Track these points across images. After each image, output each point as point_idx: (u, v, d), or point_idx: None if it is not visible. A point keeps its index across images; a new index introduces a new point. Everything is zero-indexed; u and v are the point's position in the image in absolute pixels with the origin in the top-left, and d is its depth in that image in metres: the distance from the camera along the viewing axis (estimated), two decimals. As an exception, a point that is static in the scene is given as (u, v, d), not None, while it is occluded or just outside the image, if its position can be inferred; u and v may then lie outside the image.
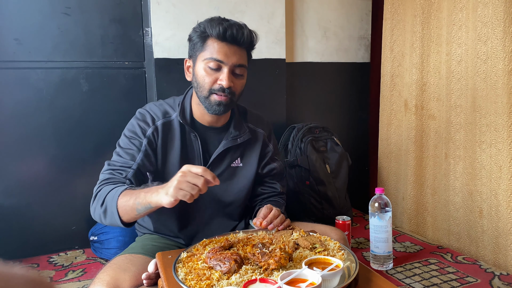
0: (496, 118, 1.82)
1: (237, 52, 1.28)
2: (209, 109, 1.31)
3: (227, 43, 1.26)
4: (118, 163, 1.30)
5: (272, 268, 0.96)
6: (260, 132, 1.49)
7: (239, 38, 1.27)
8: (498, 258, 1.83)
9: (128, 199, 1.14)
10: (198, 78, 1.30)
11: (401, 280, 1.69)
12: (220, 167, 1.40)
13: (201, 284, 0.91)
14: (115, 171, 1.28)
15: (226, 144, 1.38)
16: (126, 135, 1.35)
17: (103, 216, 1.20)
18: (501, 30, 1.76)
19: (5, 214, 1.91)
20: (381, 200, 1.73)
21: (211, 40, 1.27)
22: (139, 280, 1.14)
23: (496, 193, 1.83)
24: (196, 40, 1.30)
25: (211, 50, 1.27)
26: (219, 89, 1.27)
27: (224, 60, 1.26)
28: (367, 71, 2.73)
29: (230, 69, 1.27)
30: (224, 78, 1.26)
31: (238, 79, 1.31)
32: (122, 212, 1.16)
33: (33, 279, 0.37)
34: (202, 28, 1.28)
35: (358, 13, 2.64)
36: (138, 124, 1.35)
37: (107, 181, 1.26)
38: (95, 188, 1.26)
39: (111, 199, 1.17)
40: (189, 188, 1.03)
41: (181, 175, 1.04)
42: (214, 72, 1.27)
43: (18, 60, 1.89)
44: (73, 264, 1.89)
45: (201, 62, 1.29)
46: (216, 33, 1.25)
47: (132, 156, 1.30)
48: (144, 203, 1.11)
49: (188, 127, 1.35)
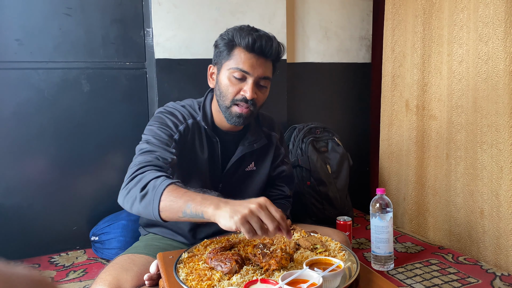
0: (497, 119, 1.81)
1: (263, 64, 1.26)
2: (229, 119, 1.29)
3: (255, 55, 1.24)
4: (158, 146, 1.20)
5: (273, 269, 0.97)
6: (274, 135, 1.49)
7: (267, 50, 1.24)
8: (499, 259, 1.83)
9: (177, 196, 1.02)
10: (222, 87, 1.28)
11: (402, 281, 1.68)
12: (236, 173, 1.40)
13: (202, 285, 0.91)
14: (159, 156, 1.17)
15: (243, 150, 1.38)
16: (156, 126, 1.27)
17: (138, 201, 1.06)
18: (502, 31, 1.76)
19: (6, 214, 1.91)
20: (382, 200, 1.73)
21: (238, 50, 1.25)
22: (141, 280, 1.15)
23: (497, 193, 1.83)
24: (222, 48, 1.27)
25: (237, 60, 1.24)
26: (242, 100, 1.25)
27: (250, 72, 1.24)
28: (368, 72, 2.73)
29: (254, 81, 1.25)
30: (248, 89, 1.24)
31: (261, 91, 1.29)
32: (164, 207, 1.03)
33: (35, 279, 0.37)
34: (230, 36, 1.25)
35: (359, 13, 2.64)
36: (169, 118, 1.30)
37: (149, 163, 1.14)
38: (132, 170, 1.13)
39: (155, 187, 1.05)
40: (257, 226, 0.90)
41: (255, 206, 0.91)
42: (239, 82, 1.25)
43: (19, 60, 1.89)
44: (74, 264, 1.89)
45: (226, 71, 1.26)
46: (245, 44, 1.22)
47: (166, 143, 1.22)
48: (197, 211, 0.98)
49: (210, 131, 1.34)
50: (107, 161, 2.07)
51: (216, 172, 1.37)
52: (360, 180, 2.72)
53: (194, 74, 2.13)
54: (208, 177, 1.36)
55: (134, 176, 1.11)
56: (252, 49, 1.23)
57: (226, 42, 1.26)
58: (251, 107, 1.27)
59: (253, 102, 1.27)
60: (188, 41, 2.12)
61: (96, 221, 2.02)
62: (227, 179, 1.39)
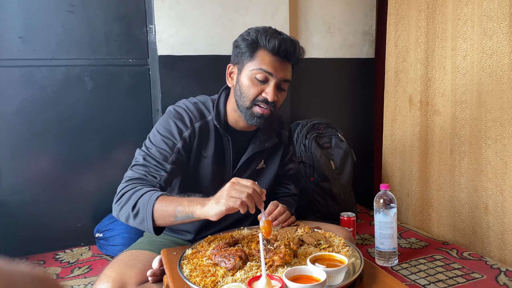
0: (501, 113, 1.80)
1: (285, 67, 1.27)
2: (249, 120, 1.29)
3: (279, 58, 1.24)
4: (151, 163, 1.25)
5: (277, 265, 0.97)
6: (284, 133, 1.50)
7: (290, 54, 1.25)
8: (504, 254, 1.82)
9: (167, 204, 1.11)
10: (243, 88, 1.27)
11: (407, 276, 1.68)
12: (247, 171, 1.40)
13: (206, 281, 0.91)
14: (148, 173, 1.24)
15: (255, 149, 1.38)
16: (160, 132, 1.30)
17: (132, 218, 1.16)
18: (506, 25, 1.75)
19: (11, 212, 1.92)
20: (386, 196, 1.72)
21: (263, 52, 1.24)
22: (145, 276, 1.15)
23: (502, 189, 1.82)
24: (244, 49, 1.27)
25: (261, 62, 1.24)
26: (263, 101, 1.26)
27: (273, 73, 1.24)
28: (371, 67, 2.71)
29: (276, 83, 1.25)
30: (270, 92, 1.24)
31: (281, 93, 1.30)
32: (157, 216, 1.12)
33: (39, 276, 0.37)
34: (254, 38, 1.25)
35: (363, 8, 2.63)
36: (175, 123, 1.30)
37: (138, 181, 1.21)
38: (122, 186, 1.21)
39: (145, 203, 1.13)
40: (238, 193, 1.01)
41: (230, 185, 1.04)
42: (260, 83, 1.25)
43: (22, 58, 1.89)
44: (79, 261, 1.90)
45: (248, 71, 1.26)
46: (271, 47, 1.23)
47: (165, 157, 1.26)
48: (187, 212, 1.08)
49: (222, 131, 1.33)
50: (111, 157, 2.08)
51: (227, 170, 1.38)
52: (363, 176, 2.72)
53: (197, 70, 2.13)
54: (218, 176, 1.36)
55: (123, 193, 1.19)
56: (277, 52, 1.24)
57: (250, 43, 1.26)
58: (272, 108, 1.28)
59: (274, 104, 1.27)
60: (191, 37, 2.12)
61: (100, 218, 2.03)
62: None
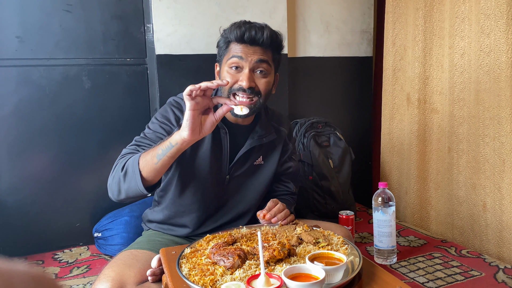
0: (499, 111, 1.81)
1: (258, 51, 1.28)
2: (232, 112, 1.28)
3: (247, 44, 1.27)
4: (144, 142, 1.31)
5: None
6: (283, 130, 1.50)
7: (258, 38, 1.27)
8: (502, 252, 1.83)
9: (148, 151, 1.20)
10: None
11: (405, 274, 1.69)
12: (244, 166, 1.41)
13: (205, 280, 0.91)
14: (139, 147, 1.29)
15: (252, 143, 1.38)
16: (158, 119, 1.36)
17: (122, 180, 1.21)
18: (504, 23, 1.75)
19: (10, 212, 1.92)
20: (384, 194, 1.73)
21: (233, 43, 1.29)
22: (144, 276, 1.15)
23: (500, 186, 1.82)
24: (221, 45, 1.33)
25: (232, 52, 1.28)
26: (239, 89, 1.26)
27: (243, 56, 1.26)
28: (369, 65, 2.72)
29: (250, 68, 1.27)
30: (244, 78, 1.25)
31: (261, 77, 1.29)
32: (142, 165, 1.18)
33: (37, 276, 0.37)
34: (227, 33, 1.31)
35: (361, 7, 2.63)
36: (172, 110, 1.36)
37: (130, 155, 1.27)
38: (116, 161, 1.28)
39: (132, 161, 1.20)
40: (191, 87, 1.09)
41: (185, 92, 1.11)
42: (236, 72, 1.27)
43: (20, 57, 1.89)
44: (77, 261, 1.90)
45: (225, 65, 1.30)
46: (235, 37, 1.27)
47: (160, 139, 1.29)
48: (166, 145, 1.16)
49: (220, 122, 1.33)
50: (109, 157, 2.06)
51: (224, 164, 1.38)
52: (362, 174, 2.72)
53: (195, 69, 2.12)
54: (215, 169, 1.36)
55: (115, 165, 1.27)
56: (242, 40, 1.27)
57: (224, 40, 1.32)
58: (254, 96, 1.27)
59: (254, 91, 1.27)
60: (188, 36, 2.12)
61: (99, 217, 2.03)
62: (234, 172, 1.39)
